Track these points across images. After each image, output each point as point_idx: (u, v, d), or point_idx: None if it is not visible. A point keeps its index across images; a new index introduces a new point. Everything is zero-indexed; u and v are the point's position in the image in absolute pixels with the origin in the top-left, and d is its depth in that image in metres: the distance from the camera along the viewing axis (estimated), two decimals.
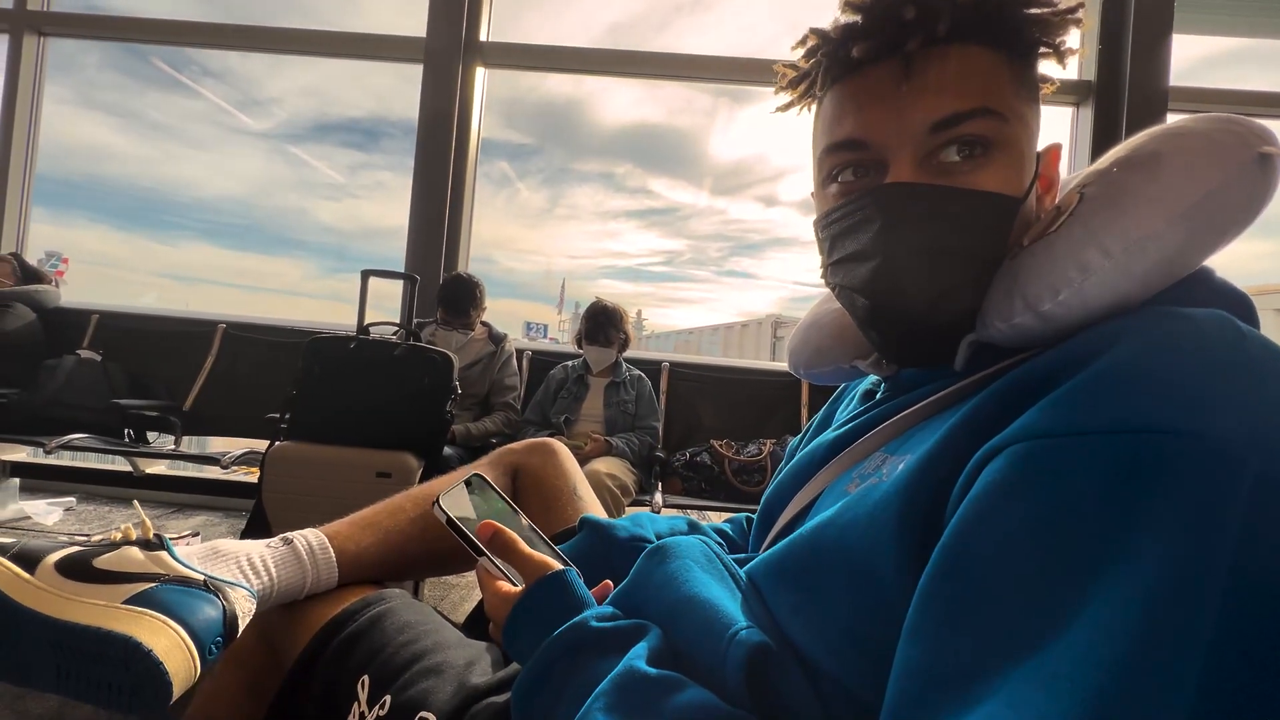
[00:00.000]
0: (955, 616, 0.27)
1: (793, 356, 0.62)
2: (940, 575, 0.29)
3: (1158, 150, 0.36)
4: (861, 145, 0.42)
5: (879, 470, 0.39)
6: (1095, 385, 0.28)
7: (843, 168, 0.43)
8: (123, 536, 0.47)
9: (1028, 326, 0.37)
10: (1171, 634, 0.22)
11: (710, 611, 0.40)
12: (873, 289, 0.41)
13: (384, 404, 1.58)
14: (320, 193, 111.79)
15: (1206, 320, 0.29)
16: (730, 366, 2.51)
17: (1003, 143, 0.39)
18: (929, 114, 0.39)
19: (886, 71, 0.40)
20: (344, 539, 0.60)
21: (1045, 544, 0.26)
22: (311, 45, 2.83)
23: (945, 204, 0.39)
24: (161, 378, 2.43)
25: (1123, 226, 0.34)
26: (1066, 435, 0.27)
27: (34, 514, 2.17)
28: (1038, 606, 0.25)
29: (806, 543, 0.40)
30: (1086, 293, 0.34)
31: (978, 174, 0.39)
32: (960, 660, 0.26)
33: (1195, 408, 0.25)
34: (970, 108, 0.38)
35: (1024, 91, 0.41)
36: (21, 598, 0.41)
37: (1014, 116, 0.40)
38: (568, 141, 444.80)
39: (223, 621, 0.45)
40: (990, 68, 0.39)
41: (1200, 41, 2.68)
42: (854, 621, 0.36)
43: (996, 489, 0.28)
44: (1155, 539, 0.23)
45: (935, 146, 0.39)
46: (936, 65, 0.39)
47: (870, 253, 0.41)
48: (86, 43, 3.06)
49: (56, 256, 3.07)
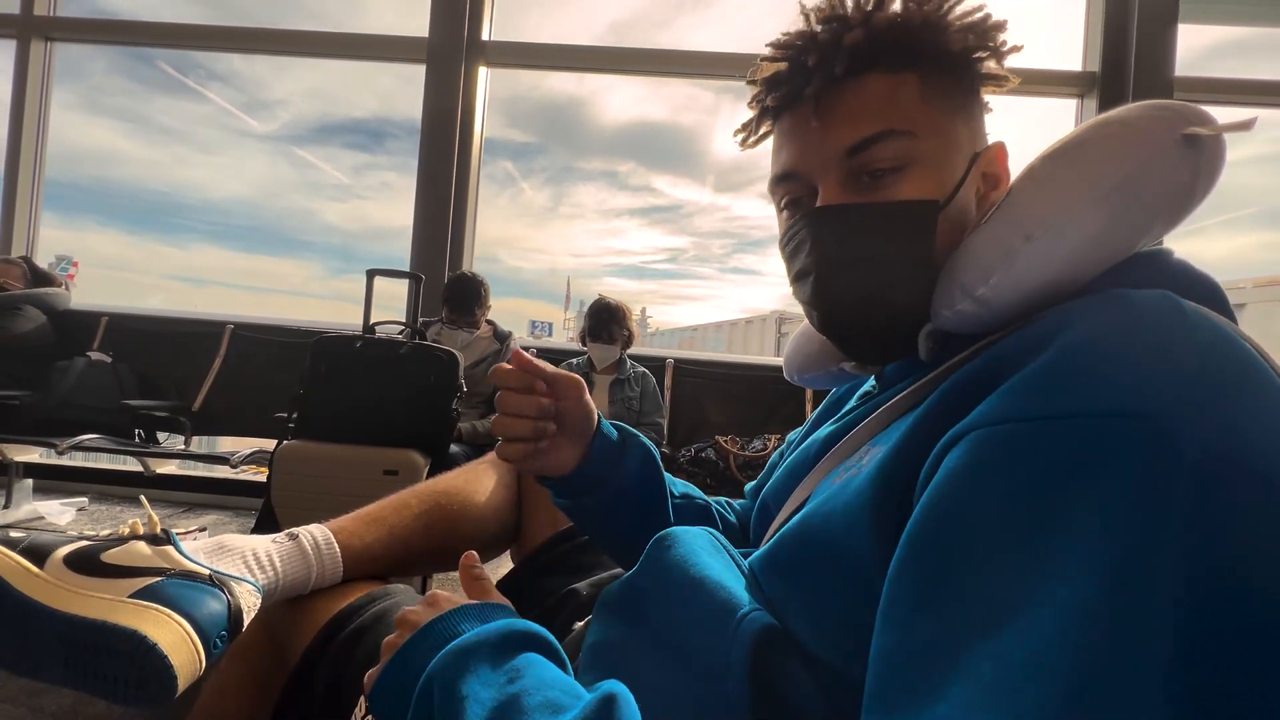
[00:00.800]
0: (920, 600, 0.28)
1: (787, 364, 0.68)
2: (906, 560, 0.29)
3: (1084, 139, 0.38)
4: (794, 176, 0.46)
5: (860, 461, 0.40)
6: (1046, 372, 0.29)
7: (785, 196, 0.48)
8: (130, 531, 0.48)
9: (969, 312, 0.39)
10: (1130, 610, 0.22)
11: (721, 593, 0.40)
12: (817, 301, 0.46)
13: (390, 402, 1.59)
14: (326, 194, 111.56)
15: (1146, 301, 0.29)
16: (734, 363, 2.51)
17: (914, 156, 0.42)
18: (841, 141, 0.43)
19: (803, 112, 0.45)
20: (349, 534, 0.60)
21: (1003, 527, 0.26)
22: (315, 47, 2.85)
23: (862, 217, 0.43)
24: (171, 378, 2.46)
25: (1041, 210, 0.36)
26: (1021, 421, 0.28)
27: (47, 514, 2.20)
28: (997, 591, 0.25)
29: (794, 535, 0.41)
30: (1015, 274, 0.36)
31: (895, 186, 0.42)
32: (926, 643, 0.27)
33: (1138, 389, 0.26)
34: (875, 131, 0.42)
35: (942, 103, 0.44)
36: (31, 591, 0.42)
37: (925, 130, 0.43)
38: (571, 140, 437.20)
39: (227, 616, 0.46)
40: (891, 92, 0.43)
41: (1206, 31, 2.65)
42: (845, 609, 0.36)
43: (956, 475, 0.29)
44: (1107, 518, 0.24)
45: (854, 169, 0.43)
46: (841, 99, 0.44)
47: (809, 269, 0.46)
48: (92, 47, 3.09)
49: (67, 260, 3.10)
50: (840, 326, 0.47)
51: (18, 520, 2.15)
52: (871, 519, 0.34)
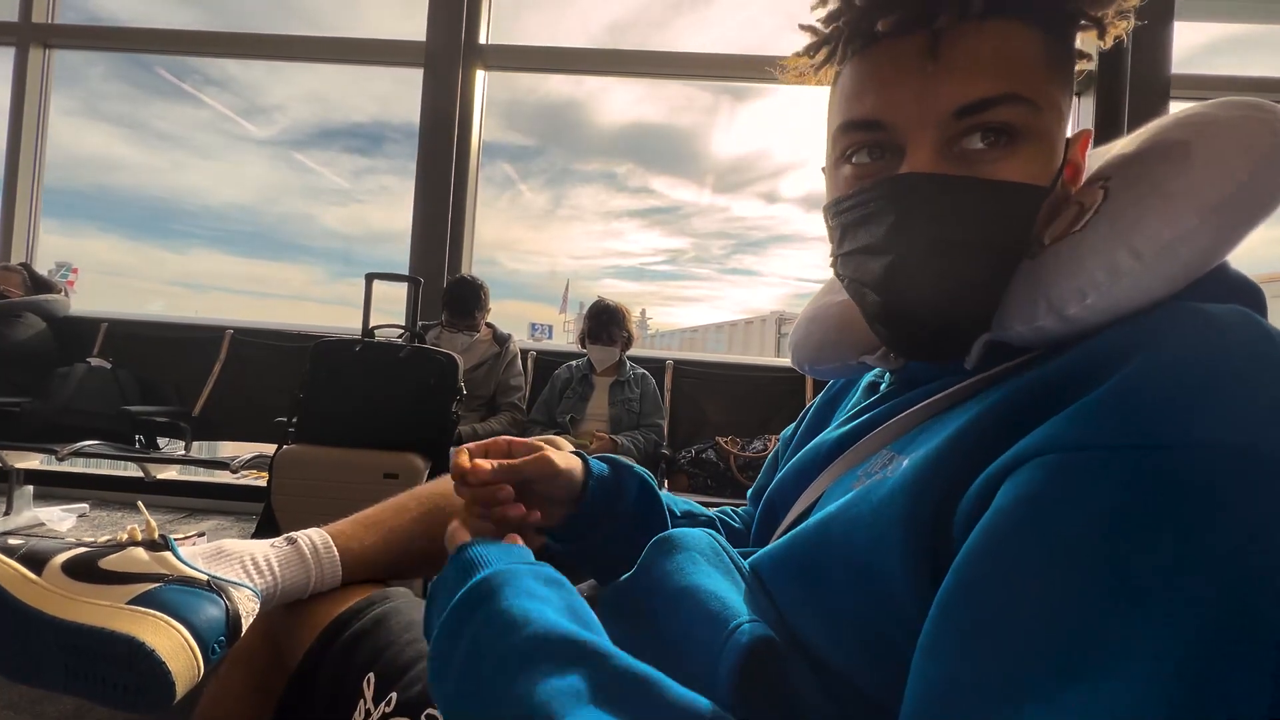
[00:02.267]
0: (981, 636, 0.26)
1: (796, 352, 0.60)
2: (964, 589, 0.27)
3: (1186, 140, 0.34)
4: (879, 126, 0.39)
5: (885, 468, 0.38)
6: (1127, 394, 0.26)
7: (857, 148, 0.41)
8: (128, 537, 0.48)
9: (1050, 329, 0.35)
10: (1234, 654, 0.21)
11: (714, 603, 0.39)
12: (885, 286, 0.39)
13: (390, 406, 1.59)
14: (325, 198, 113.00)
15: (1230, 320, 0.28)
16: (734, 363, 2.51)
17: (1031, 131, 0.37)
18: (955, 97, 0.36)
19: (912, 47, 0.37)
20: (348, 538, 0.60)
21: (1084, 561, 0.24)
22: (313, 52, 2.85)
23: (964, 197, 0.37)
24: (171, 384, 2.46)
25: (1154, 226, 0.32)
26: (1101, 449, 0.26)
27: (48, 520, 2.20)
28: (1076, 629, 0.24)
29: (811, 537, 0.40)
30: (1115, 296, 0.32)
31: (1002, 163, 0.37)
32: (988, 682, 0.25)
33: (1236, 419, 0.24)
34: (1000, 92, 0.36)
35: (1059, 73, 0.38)
36: (29, 599, 0.42)
37: (1045, 102, 0.37)
38: (569, 142, 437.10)
39: (226, 621, 0.46)
40: (1024, 48, 0.36)
41: (1202, 28, 2.65)
42: (859, 617, 0.35)
43: (1025, 503, 0.26)
44: (1211, 556, 0.22)
45: (958, 132, 0.37)
46: (967, 44, 0.36)
47: (883, 248, 0.39)
48: (91, 54, 3.09)
49: (67, 267, 3.10)
50: (905, 318, 0.40)
51: (18, 527, 2.15)
52: (902, 530, 0.32)
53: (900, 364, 0.48)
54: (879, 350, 0.51)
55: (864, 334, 0.53)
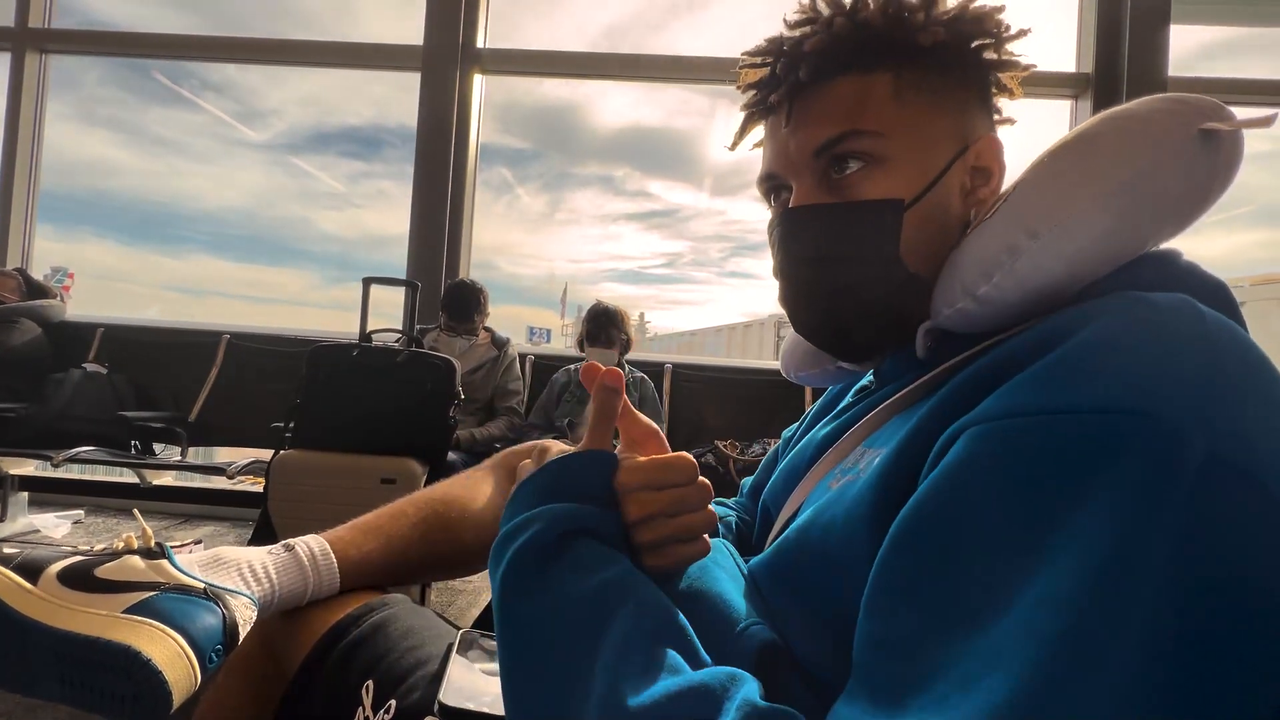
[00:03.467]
0: (906, 590, 0.28)
1: (783, 361, 0.66)
2: (894, 549, 0.29)
3: (1095, 132, 0.36)
4: (773, 176, 0.48)
5: (857, 465, 0.39)
6: (1054, 369, 0.28)
7: (771, 193, 0.50)
8: (124, 545, 0.47)
9: (970, 310, 0.38)
10: (1114, 609, 0.22)
11: (720, 605, 0.39)
12: (786, 298, 0.48)
13: (387, 410, 1.58)
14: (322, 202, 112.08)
15: (1166, 304, 0.29)
16: (732, 367, 2.51)
17: (881, 154, 0.42)
18: (807, 144, 0.44)
19: (778, 116, 0.46)
20: (346, 544, 0.60)
21: (996, 520, 0.26)
22: (311, 56, 2.86)
23: (826, 218, 0.44)
24: (167, 389, 2.45)
25: (1047, 207, 0.35)
26: (1022, 416, 0.27)
27: (43, 527, 2.19)
28: (985, 582, 0.25)
29: (793, 545, 0.40)
30: (1018, 273, 0.35)
31: (863, 185, 0.43)
32: (910, 633, 0.26)
33: (1148, 388, 0.25)
34: (839, 131, 0.42)
35: (919, 98, 0.43)
36: (24, 608, 0.41)
37: (896, 128, 0.42)
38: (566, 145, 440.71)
39: (223, 630, 0.45)
40: (860, 92, 0.43)
41: (1199, 31, 2.67)
42: (838, 620, 0.35)
43: (951, 468, 0.28)
44: (1101, 515, 0.23)
45: (823, 168, 0.44)
46: (807, 103, 0.44)
47: (782, 269, 0.47)
48: (87, 58, 3.09)
49: (62, 272, 3.09)
50: (807, 325, 0.48)
51: (13, 533, 2.14)
52: (869, 528, 0.33)
53: (868, 366, 0.52)
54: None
55: None
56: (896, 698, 0.25)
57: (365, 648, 0.51)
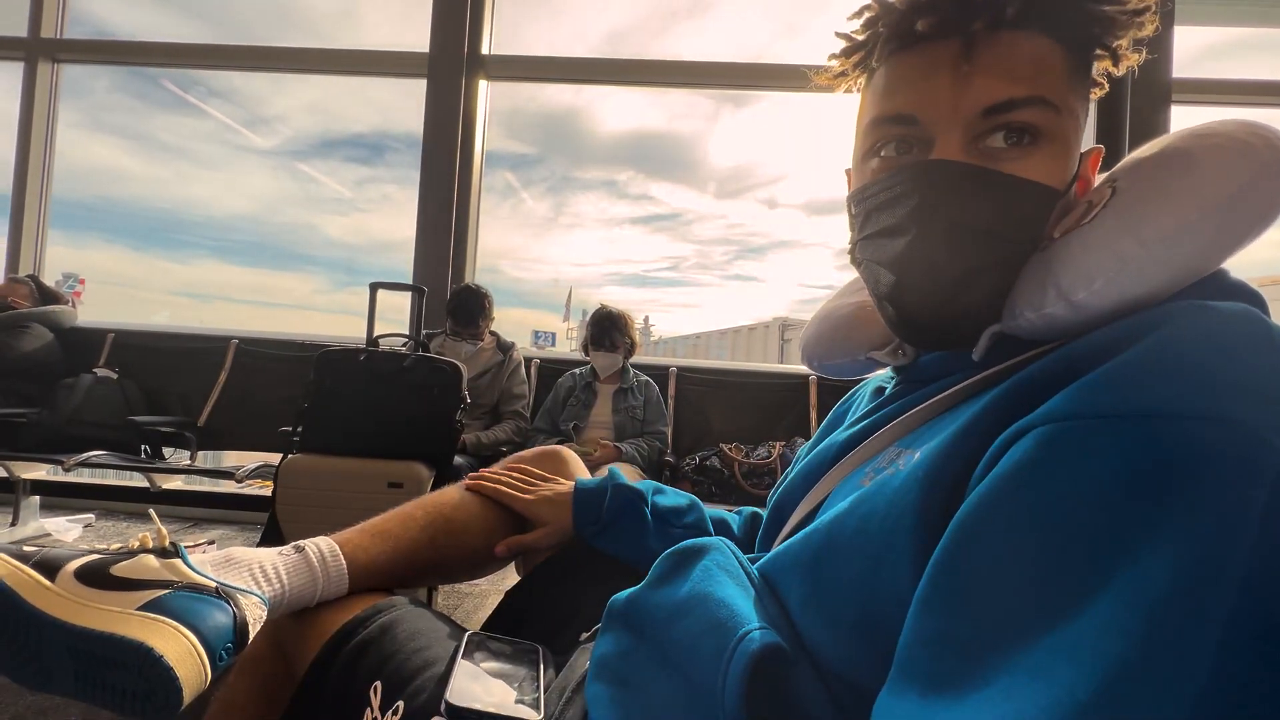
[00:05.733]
0: (973, 588, 0.27)
1: (806, 348, 0.62)
2: (957, 546, 0.29)
3: (1189, 149, 0.36)
4: (910, 120, 0.41)
5: (894, 463, 0.39)
6: (1125, 371, 0.28)
7: (887, 142, 0.43)
8: (140, 544, 0.48)
9: (1059, 316, 0.37)
10: (1198, 611, 0.22)
11: (721, 610, 0.39)
12: (901, 264, 0.41)
13: (394, 415, 1.59)
14: (328, 208, 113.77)
15: (1235, 313, 0.29)
16: (737, 370, 2.50)
17: (1052, 134, 0.39)
18: (984, 96, 0.39)
19: (946, 50, 0.40)
20: (355, 547, 0.61)
21: (1069, 521, 0.26)
22: (318, 64, 2.88)
23: (986, 187, 0.39)
24: (176, 394, 2.47)
25: (1159, 218, 0.34)
26: (1096, 418, 0.27)
27: (54, 530, 2.20)
28: (1059, 583, 0.25)
29: (823, 534, 0.40)
30: (1121, 282, 0.35)
31: (1023, 162, 0.39)
32: (974, 629, 0.26)
33: (1225, 395, 0.26)
34: (1026, 94, 0.38)
35: (1078, 87, 0.41)
36: (42, 604, 0.42)
37: (1066, 110, 0.40)
38: (570, 150, 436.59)
39: (233, 628, 0.46)
40: (1050, 57, 0.39)
41: (1203, 32, 2.66)
42: (866, 613, 0.36)
43: (1021, 467, 0.28)
44: (1185, 520, 0.24)
45: (984, 130, 0.39)
46: (998, 49, 0.39)
47: (905, 227, 0.41)
48: (96, 67, 3.13)
49: (74, 278, 3.12)
50: (917, 297, 0.42)
51: (25, 537, 2.16)
52: (913, 521, 0.33)
53: (908, 358, 0.49)
54: (888, 346, 0.52)
55: (875, 332, 0.54)
56: (956, 690, 0.26)
57: (373, 649, 0.52)
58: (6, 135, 2.91)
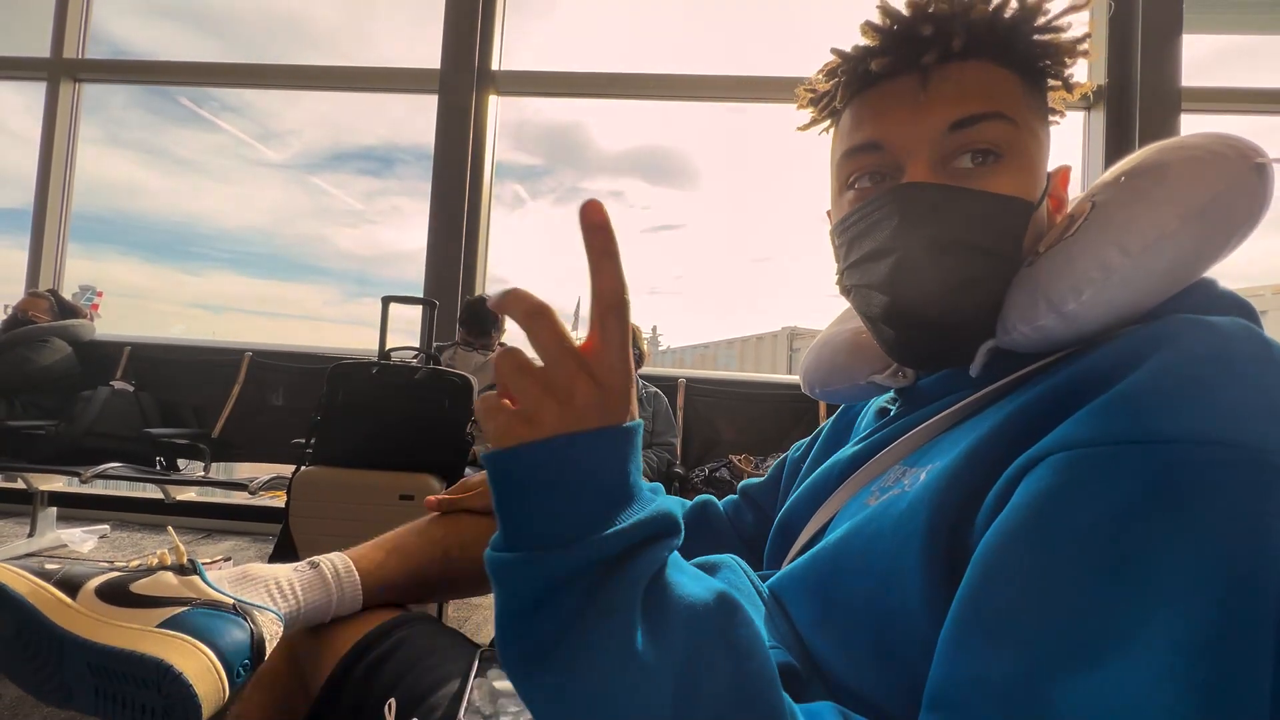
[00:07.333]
0: (1003, 626, 0.27)
1: (806, 375, 0.63)
2: (985, 583, 0.28)
3: (1165, 160, 0.37)
4: (877, 146, 0.43)
5: (900, 482, 0.39)
6: (1137, 395, 0.28)
7: (860, 174, 0.45)
8: (158, 561, 0.49)
9: (1051, 328, 0.37)
10: (1241, 641, 0.23)
11: None
12: (891, 283, 0.42)
13: (406, 427, 1.60)
14: (339, 220, 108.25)
15: (1232, 330, 0.30)
16: (747, 380, 2.50)
17: (1014, 149, 0.41)
18: (946, 115, 0.40)
19: (904, 84, 0.42)
20: (368, 562, 0.61)
21: (1095, 554, 0.26)
22: (333, 81, 2.93)
23: (960, 202, 0.40)
24: (191, 406, 2.50)
25: (1140, 227, 0.35)
26: (1112, 444, 0.27)
27: (70, 542, 2.23)
28: (1094, 617, 0.25)
29: (830, 555, 0.40)
30: (1109, 292, 0.35)
31: (990, 178, 0.41)
32: (1007, 675, 0.26)
33: (1235, 418, 0.26)
34: (985, 110, 0.40)
35: (1035, 109, 0.43)
36: (64, 622, 0.43)
37: (1025, 126, 0.41)
38: (576, 161, 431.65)
39: (250, 645, 0.47)
40: (1003, 81, 0.42)
41: (1211, 40, 2.65)
42: (877, 633, 0.36)
43: (1041, 497, 0.28)
44: (1211, 547, 0.24)
45: (950, 151, 0.41)
46: (950, 77, 0.41)
47: (889, 249, 0.42)
48: (115, 85, 3.20)
49: (92, 290, 3.17)
50: (911, 315, 0.43)
51: (42, 548, 2.19)
52: (922, 541, 0.33)
53: (909, 380, 0.50)
54: (888, 369, 0.52)
55: (874, 356, 0.54)
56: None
57: (388, 665, 0.52)
58: (26, 152, 2.98)
